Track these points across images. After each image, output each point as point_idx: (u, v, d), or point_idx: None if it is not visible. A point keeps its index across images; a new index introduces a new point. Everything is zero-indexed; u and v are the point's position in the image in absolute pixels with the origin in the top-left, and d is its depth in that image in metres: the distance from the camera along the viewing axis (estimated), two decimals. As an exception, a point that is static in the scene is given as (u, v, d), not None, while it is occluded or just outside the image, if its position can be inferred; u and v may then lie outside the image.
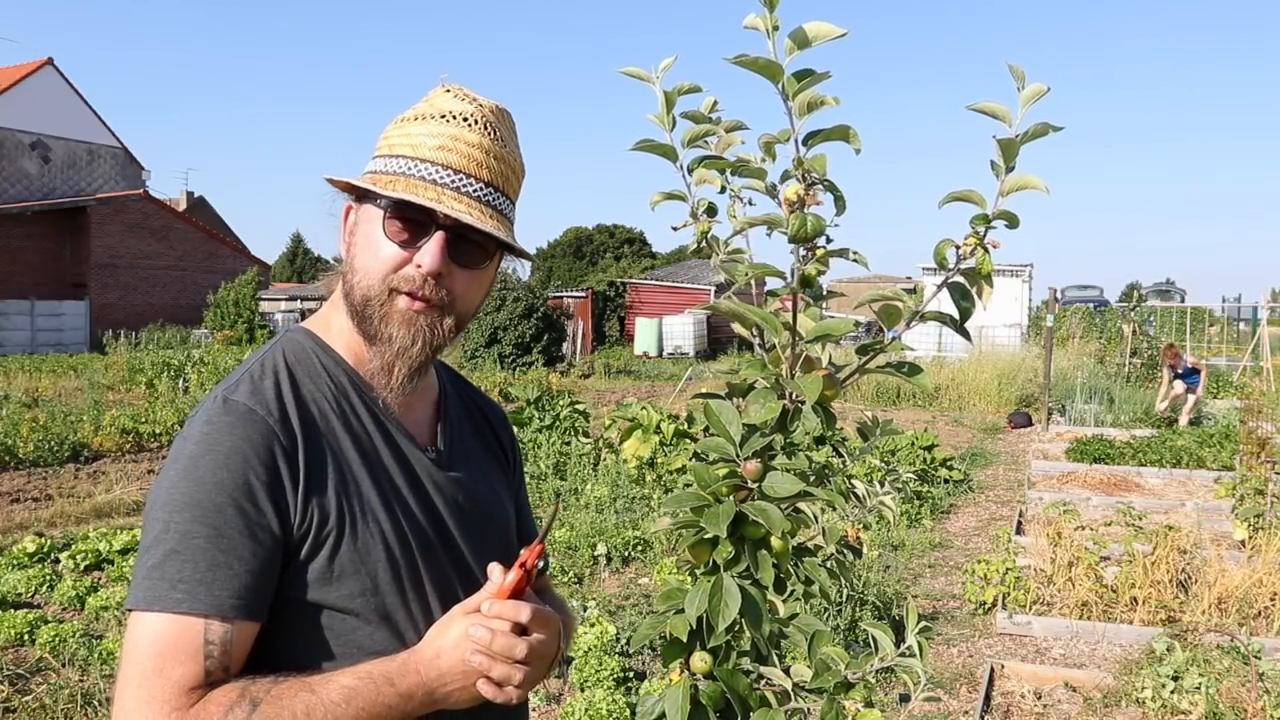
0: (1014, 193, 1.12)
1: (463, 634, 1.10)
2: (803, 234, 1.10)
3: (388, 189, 1.16)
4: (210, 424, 1.11)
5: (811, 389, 1.08)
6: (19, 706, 4.15)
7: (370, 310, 1.19)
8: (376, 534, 1.17)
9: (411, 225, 1.17)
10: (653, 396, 16.33)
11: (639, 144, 1.31)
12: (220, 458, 1.09)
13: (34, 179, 31.75)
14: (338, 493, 1.15)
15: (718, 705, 1.22)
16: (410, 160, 1.18)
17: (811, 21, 1.05)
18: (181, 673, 1.04)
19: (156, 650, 1.04)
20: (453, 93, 1.23)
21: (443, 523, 1.26)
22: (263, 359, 1.21)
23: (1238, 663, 4.46)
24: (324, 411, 1.19)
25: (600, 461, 9.27)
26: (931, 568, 6.96)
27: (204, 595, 1.05)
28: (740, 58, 1.06)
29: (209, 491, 1.07)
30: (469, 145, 1.19)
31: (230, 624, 1.06)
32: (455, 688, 1.10)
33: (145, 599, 1.06)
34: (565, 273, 46.05)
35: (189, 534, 1.06)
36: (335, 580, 1.13)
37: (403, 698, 1.08)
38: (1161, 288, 36.09)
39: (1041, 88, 1.08)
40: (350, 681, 1.07)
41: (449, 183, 1.17)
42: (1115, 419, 14.08)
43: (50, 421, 10.82)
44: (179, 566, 1.05)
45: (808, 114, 1.08)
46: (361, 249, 1.20)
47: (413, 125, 1.21)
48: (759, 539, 1.19)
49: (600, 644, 4.73)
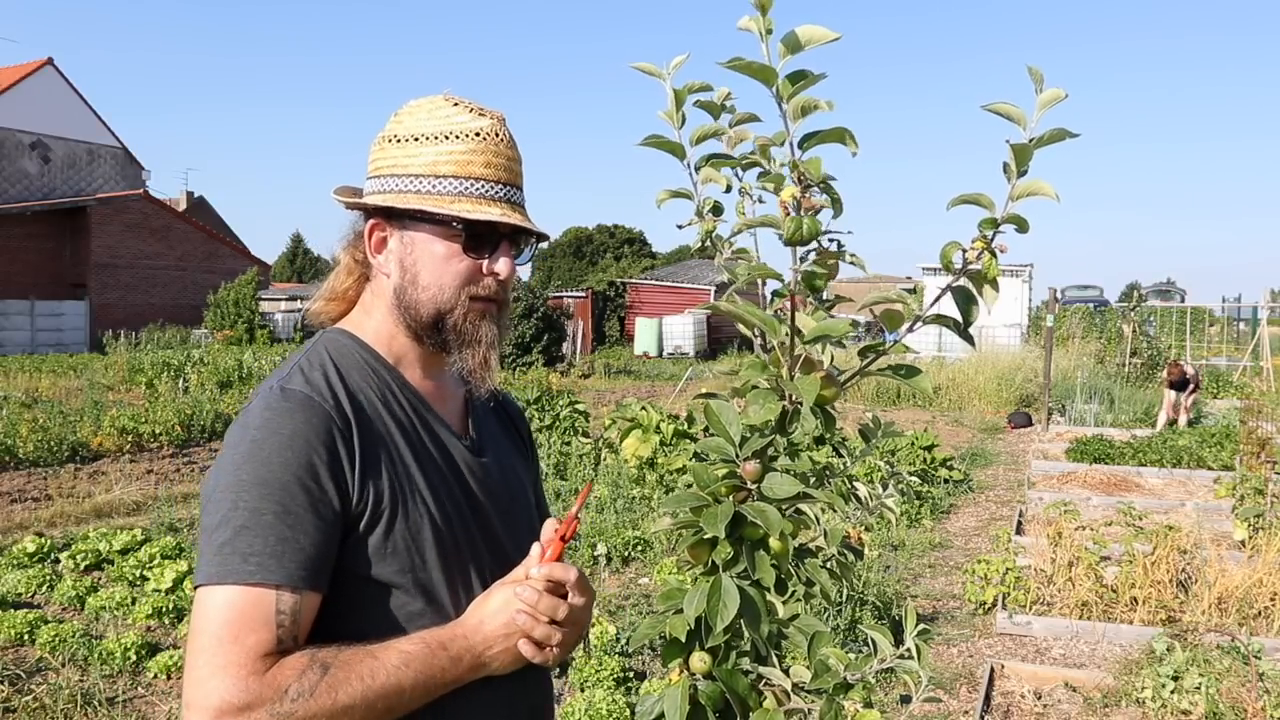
0: (1024, 198, 1.11)
1: (505, 601, 1.21)
2: (798, 236, 1.09)
3: (451, 208, 1.26)
4: (271, 409, 1.19)
5: (809, 390, 1.08)
6: (19, 706, 4.14)
7: (450, 320, 1.30)
8: (424, 514, 1.25)
9: (480, 239, 1.29)
10: (653, 396, 16.33)
11: (647, 139, 1.31)
12: (284, 439, 1.16)
13: (34, 179, 31.74)
14: (390, 474, 1.23)
15: (717, 705, 1.22)
16: (462, 180, 1.28)
17: (804, 25, 1.04)
18: (256, 639, 1.09)
19: (229, 619, 1.10)
20: (470, 109, 1.31)
21: (479, 505, 1.35)
22: (309, 354, 1.30)
23: (1238, 663, 4.46)
24: (370, 400, 1.27)
25: (600, 461, 9.27)
26: (931, 568, 6.95)
27: (275, 567, 1.11)
28: (734, 62, 1.06)
29: (275, 470, 1.14)
30: (505, 159, 1.31)
31: (299, 594, 1.13)
32: (498, 650, 1.21)
33: (219, 573, 1.11)
34: (565, 273, 46.03)
35: (258, 510, 1.12)
36: (390, 556, 1.21)
37: (453, 660, 1.18)
38: (1161, 288, 36.09)
39: (1059, 93, 1.07)
40: (408, 646, 1.16)
41: (502, 196, 1.30)
42: (1115, 419, 14.07)
43: (50, 421, 10.82)
44: (249, 541, 1.12)
45: (802, 117, 1.07)
46: (427, 266, 1.29)
47: (444, 144, 1.28)
48: (758, 540, 1.19)
49: (600, 644, 4.73)
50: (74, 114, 32.84)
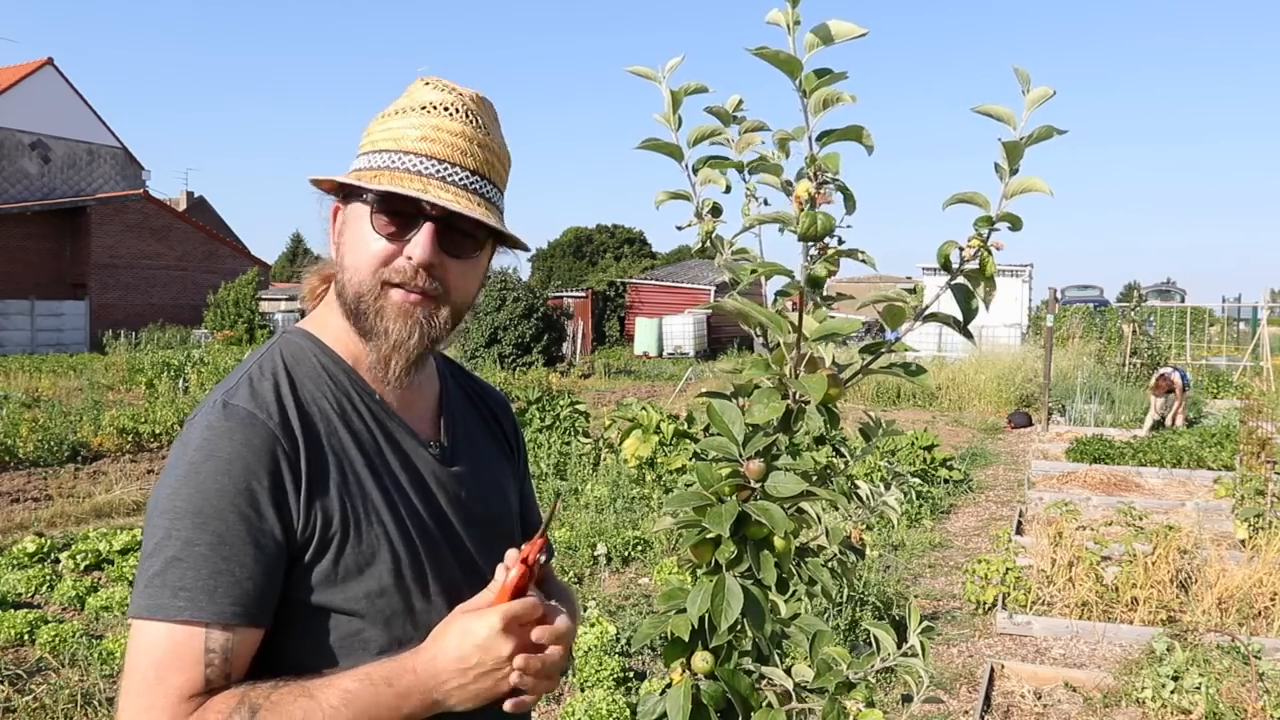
0: (1018, 195, 1.12)
1: (462, 633, 1.09)
2: (812, 232, 1.10)
3: (373, 183, 1.15)
4: (211, 429, 1.10)
5: (816, 389, 1.08)
6: (19, 706, 4.14)
7: (364, 306, 1.18)
8: (381, 535, 1.16)
9: (400, 218, 1.16)
10: (653, 396, 16.33)
11: (644, 143, 1.31)
12: (221, 464, 1.08)
13: (34, 179, 31.72)
14: (341, 495, 1.14)
15: (719, 705, 1.21)
16: (393, 154, 1.17)
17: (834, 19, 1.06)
18: (181, 680, 1.03)
19: (156, 659, 1.04)
20: (431, 84, 1.21)
21: (447, 520, 1.25)
22: (260, 361, 1.20)
23: (1238, 663, 4.46)
24: (325, 412, 1.18)
25: (600, 461, 9.26)
26: (931, 568, 6.95)
27: (206, 603, 1.05)
28: (761, 50, 1.06)
29: (211, 498, 1.07)
30: (452, 134, 1.18)
31: (231, 631, 1.06)
32: (453, 687, 1.09)
33: (147, 608, 1.05)
34: (565, 273, 46.02)
35: (191, 541, 1.05)
36: (340, 582, 1.13)
37: (400, 697, 1.07)
38: (1161, 288, 36.10)
39: (1047, 91, 1.08)
40: (349, 684, 1.06)
41: (434, 173, 1.16)
42: (1115, 419, 14.06)
43: (50, 421, 10.81)
44: (180, 574, 1.05)
45: (823, 111, 1.08)
46: (350, 246, 1.19)
47: (394, 120, 1.20)
48: (761, 539, 1.19)
49: (600, 644, 4.73)
50: (74, 114, 32.82)
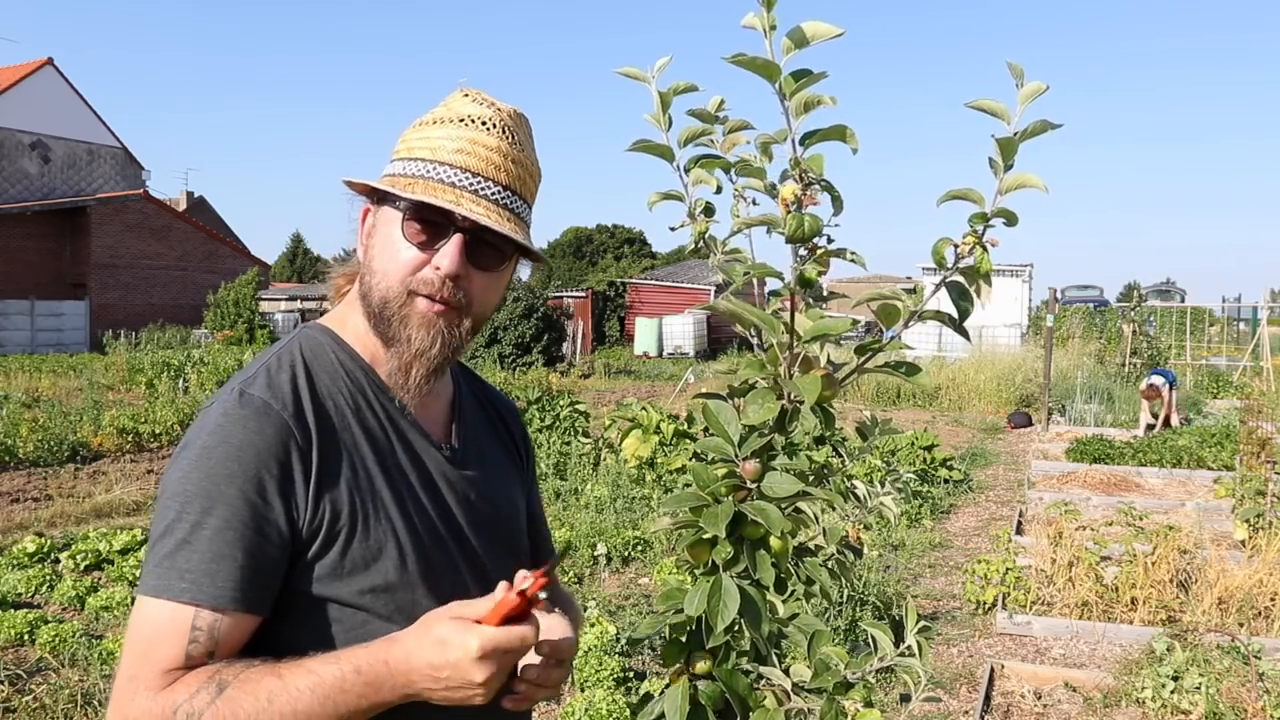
0: (1013, 191, 1.12)
1: (442, 638, 1.06)
2: (799, 234, 1.10)
3: (406, 191, 1.17)
4: (226, 416, 1.13)
5: (810, 389, 1.08)
6: (19, 706, 4.14)
7: (389, 312, 1.20)
8: (388, 530, 1.18)
9: (430, 227, 1.18)
10: (653, 396, 16.33)
11: (635, 145, 1.31)
12: (233, 450, 1.10)
13: (34, 179, 31.73)
14: (350, 489, 1.16)
15: (717, 705, 1.22)
16: (429, 163, 1.19)
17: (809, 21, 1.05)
18: (164, 654, 1.06)
19: (149, 634, 1.07)
20: (471, 97, 1.23)
21: (455, 520, 1.27)
22: (279, 353, 1.22)
23: (1238, 663, 4.46)
24: (339, 407, 1.20)
25: (600, 461, 9.26)
26: (931, 568, 6.95)
27: (207, 586, 1.07)
28: (738, 57, 1.06)
29: (220, 483, 1.09)
30: (487, 149, 1.20)
31: (223, 614, 1.08)
32: (424, 688, 1.07)
33: (155, 588, 1.08)
34: (565, 273, 46.01)
35: (198, 525, 1.08)
36: (346, 576, 1.15)
37: (369, 686, 1.06)
38: (1161, 288, 36.10)
39: (1040, 86, 1.08)
40: (318, 666, 1.06)
41: (467, 185, 1.18)
42: (1115, 419, 14.06)
43: (50, 421, 10.81)
44: (188, 557, 1.08)
45: (804, 114, 1.08)
46: (380, 251, 1.21)
47: (431, 129, 1.22)
48: (758, 539, 1.19)
49: (600, 644, 4.73)
50: (74, 114, 32.83)
